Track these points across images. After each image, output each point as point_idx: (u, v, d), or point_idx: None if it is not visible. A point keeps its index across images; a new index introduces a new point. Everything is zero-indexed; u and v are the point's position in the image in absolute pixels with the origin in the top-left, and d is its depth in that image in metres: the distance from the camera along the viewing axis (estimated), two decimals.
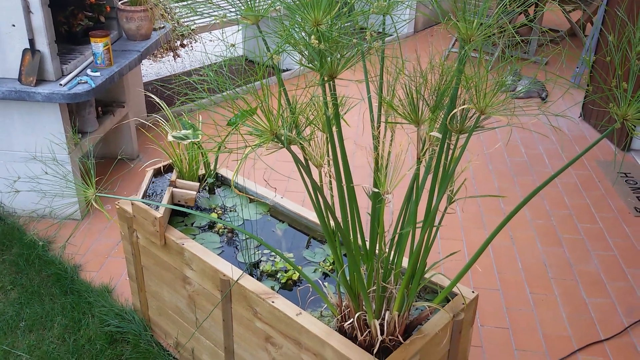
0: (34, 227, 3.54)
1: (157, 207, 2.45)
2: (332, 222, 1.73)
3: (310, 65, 1.38)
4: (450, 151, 1.61)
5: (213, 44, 6.60)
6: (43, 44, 3.16)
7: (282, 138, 1.39)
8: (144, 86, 4.82)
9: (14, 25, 3.12)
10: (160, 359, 2.63)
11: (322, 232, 2.44)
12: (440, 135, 1.58)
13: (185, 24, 5.04)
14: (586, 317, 2.92)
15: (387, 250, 1.82)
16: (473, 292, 2.09)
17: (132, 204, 2.48)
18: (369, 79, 1.56)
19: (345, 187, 1.61)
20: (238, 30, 5.61)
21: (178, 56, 4.86)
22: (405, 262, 1.99)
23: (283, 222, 2.59)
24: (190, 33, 4.93)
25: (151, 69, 6.08)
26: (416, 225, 1.74)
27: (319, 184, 1.70)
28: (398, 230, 1.79)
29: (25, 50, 3.17)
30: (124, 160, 4.20)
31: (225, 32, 5.74)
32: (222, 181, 2.88)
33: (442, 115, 1.51)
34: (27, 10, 3.08)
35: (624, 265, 3.28)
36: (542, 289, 3.09)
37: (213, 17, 5.04)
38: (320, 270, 2.30)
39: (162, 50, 5.81)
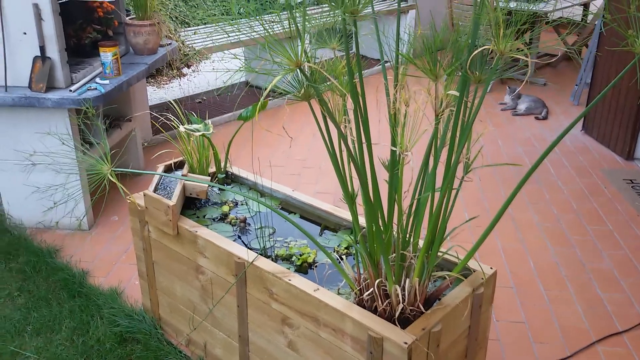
0: (40, 238, 3.51)
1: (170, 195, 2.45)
2: (352, 186, 1.73)
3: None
4: (468, 108, 1.62)
5: (217, 67, 6.69)
6: (54, 51, 3.21)
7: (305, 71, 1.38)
8: (150, 108, 4.86)
9: (25, 34, 3.17)
10: (171, 356, 2.57)
11: (335, 220, 2.44)
12: (457, 94, 1.60)
13: (190, 44, 5.12)
14: (602, 310, 2.88)
15: (405, 217, 1.81)
16: (491, 268, 2.08)
17: (144, 195, 2.48)
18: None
19: (365, 146, 1.62)
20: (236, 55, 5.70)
21: (183, 75, 4.92)
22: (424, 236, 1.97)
23: (295, 214, 2.58)
24: (195, 54, 5.01)
25: (155, 95, 6.14)
26: (435, 189, 1.74)
27: (337, 147, 1.70)
28: (416, 197, 1.78)
29: (35, 58, 3.21)
30: (129, 175, 4.20)
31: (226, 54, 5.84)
32: (232, 179, 2.88)
33: (461, 66, 1.52)
34: (39, 18, 3.13)
35: (637, 262, 3.25)
36: (556, 286, 3.06)
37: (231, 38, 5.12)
38: (335, 254, 2.28)
39: (166, 78, 5.90)
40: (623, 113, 4.54)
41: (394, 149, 1.58)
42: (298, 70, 1.31)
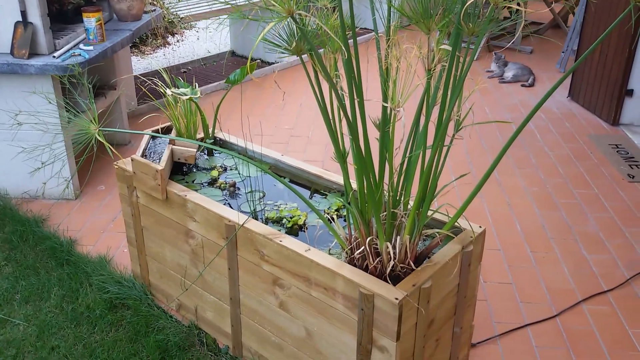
0: (26, 207, 3.48)
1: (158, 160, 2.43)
2: (343, 144, 1.72)
3: None
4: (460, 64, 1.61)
5: (202, 36, 6.59)
6: (35, 16, 3.14)
7: (297, 18, 1.35)
8: (134, 79, 4.79)
9: None
10: (162, 320, 2.58)
11: (324, 184, 2.44)
12: (450, 48, 1.59)
13: (174, 12, 5.04)
14: (588, 271, 2.92)
15: (396, 175, 1.81)
16: (480, 227, 2.09)
17: (132, 160, 2.45)
18: None
19: (357, 103, 1.61)
20: (222, 22, 5.63)
21: (168, 44, 4.85)
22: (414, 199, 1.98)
23: (285, 178, 2.58)
24: (180, 22, 4.94)
25: (140, 65, 6.06)
26: (426, 147, 1.73)
27: (327, 102, 1.69)
28: (407, 155, 1.78)
29: (17, 23, 3.14)
30: (114, 145, 4.17)
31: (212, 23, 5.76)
32: (220, 144, 2.86)
33: (454, 19, 1.51)
34: None
35: (622, 225, 3.30)
36: (542, 248, 3.10)
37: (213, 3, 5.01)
38: (325, 216, 2.28)
39: (150, 48, 5.80)
40: (609, 79, 4.55)
41: (385, 104, 1.57)
42: (290, 18, 1.28)
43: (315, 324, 2.01)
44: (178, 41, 6.26)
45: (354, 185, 1.91)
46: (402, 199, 1.85)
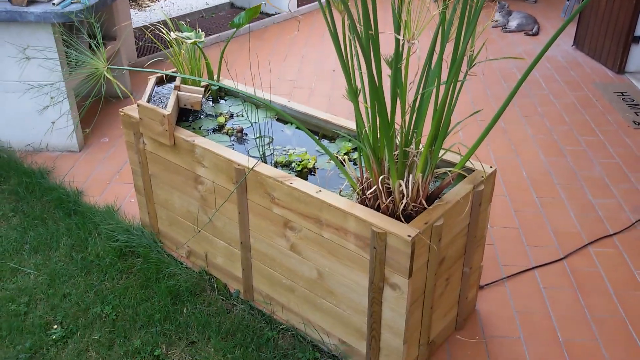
0: (31, 160, 3.46)
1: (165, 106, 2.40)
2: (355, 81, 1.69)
3: None
4: None
5: None
6: None
7: None
8: (133, 33, 4.72)
9: None
10: (173, 267, 2.60)
11: (332, 129, 2.42)
12: None
13: None
14: (594, 215, 2.93)
15: (409, 113, 1.79)
16: (491, 167, 2.09)
17: (138, 105, 2.43)
18: None
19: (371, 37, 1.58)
20: None
21: None
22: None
23: (292, 124, 2.56)
24: None
25: (137, 17, 5.95)
26: (440, 82, 1.71)
27: (340, 36, 1.66)
28: (420, 91, 1.76)
29: None
30: (115, 99, 4.13)
31: None
32: (225, 92, 2.83)
33: None
34: None
35: (627, 170, 3.30)
36: (548, 193, 3.10)
37: None
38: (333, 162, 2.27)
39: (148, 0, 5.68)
40: (616, 26, 4.49)
41: (398, 36, 1.54)
42: None
43: (326, 264, 2.02)
44: None
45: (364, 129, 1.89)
46: (414, 137, 1.84)
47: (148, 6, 5.89)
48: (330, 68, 4.71)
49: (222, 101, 2.76)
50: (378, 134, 1.78)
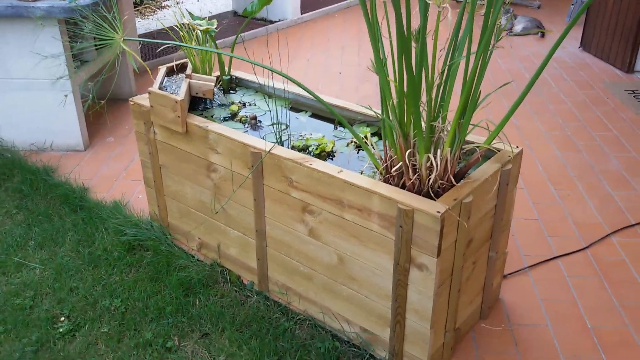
0: (35, 158, 3.39)
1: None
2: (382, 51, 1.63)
3: None
4: None
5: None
6: None
7: None
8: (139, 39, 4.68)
9: None
10: (184, 260, 2.52)
11: (348, 115, 2.35)
12: None
13: None
14: (614, 206, 2.86)
15: (436, 85, 1.73)
16: (517, 147, 2.02)
17: (149, 93, 2.36)
18: None
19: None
20: None
21: (168, 6, 4.73)
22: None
23: (306, 112, 2.50)
24: None
25: (140, 25, 5.92)
26: (470, 51, 1.65)
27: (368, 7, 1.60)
28: (448, 62, 1.70)
29: None
30: (121, 100, 4.07)
31: None
32: (236, 83, 2.77)
33: None
34: None
35: None
36: (566, 187, 3.04)
37: None
38: (352, 145, 2.20)
39: (150, 9, 5.67)
40: (624, 26, 4.46)
41: (429, 0, 1.49)
42: None
43: (347, 248, 1.94)
44: (177, 3, 6.12)
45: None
46: (441, 112, 1.77)
47: (150, 15, 5.87)
48: (337, 71, 4.67)
49: (232, 92, 2.69)
50: (405, 106, 1.72)
